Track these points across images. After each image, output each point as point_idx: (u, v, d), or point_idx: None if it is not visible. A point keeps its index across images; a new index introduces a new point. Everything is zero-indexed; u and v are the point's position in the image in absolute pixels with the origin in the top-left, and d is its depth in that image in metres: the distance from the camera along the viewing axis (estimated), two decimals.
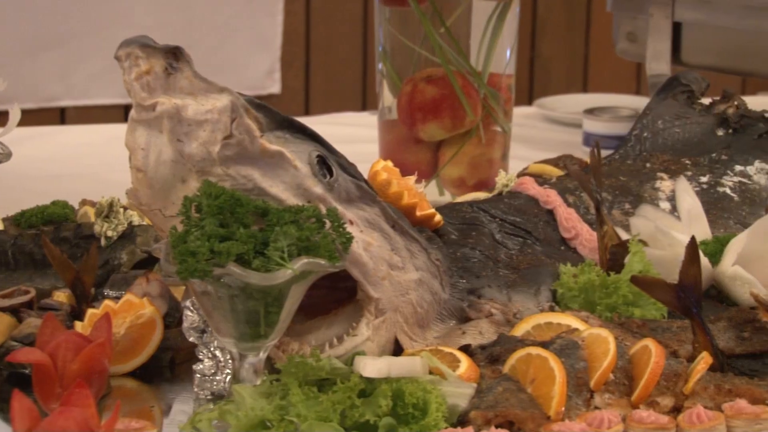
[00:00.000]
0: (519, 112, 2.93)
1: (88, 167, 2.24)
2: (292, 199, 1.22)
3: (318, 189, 1.24)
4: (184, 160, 1.20)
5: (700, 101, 1.76)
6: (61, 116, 3.98)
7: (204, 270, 1.13)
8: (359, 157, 2.08)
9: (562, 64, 4.71)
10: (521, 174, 1.86)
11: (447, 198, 1.97)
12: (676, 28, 2.38)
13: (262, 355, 1.21)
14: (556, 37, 4.67)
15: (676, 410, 1.25)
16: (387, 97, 2.05)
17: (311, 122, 2.90)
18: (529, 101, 3.31)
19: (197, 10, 4.12)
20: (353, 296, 1.30)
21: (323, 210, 1.22)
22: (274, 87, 4.33)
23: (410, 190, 1.40)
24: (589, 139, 2.39)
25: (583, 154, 2.12)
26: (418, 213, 1.40)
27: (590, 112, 2.47)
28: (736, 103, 1.74)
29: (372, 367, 1.17)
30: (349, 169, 1.28)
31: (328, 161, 1.25)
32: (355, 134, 2.40)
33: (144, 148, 1.20)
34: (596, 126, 2.44)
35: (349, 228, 1.25)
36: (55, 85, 3.96)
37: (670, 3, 2.36)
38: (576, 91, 4.51)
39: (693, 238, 1.29)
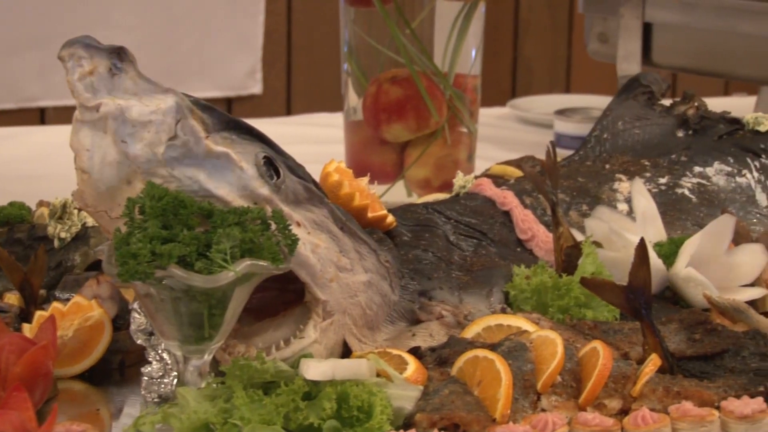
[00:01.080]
0: (492, 112, 2.94)
1: (65, 167, 2.24)
2: (238, 201, 1.22)
3: (264, 190, 1.23)
4: (129, 161, 1.19)
5: (660, 102, 1.76)
6: (41, 116, 3.97)
7: (145, 272, 1.12)
8: (329, 158, 2.08)
9: (544, 65, 4.71)
10: (483, 175, 1.86)
11: (415, 199, 1.97)
12: (647, 29, 2.38)
13: (207, 358, 1.20)
14: (538, 38, 4.67)
15: (623, 412, 1.24)
16: (352, 98, 2.05)
17: (285, 123, 2.89)
18: None
19: (178, 10, 4.11)
20: (302, 298, 1.29)
21: (269, 212, 1.21)
22: (256, 87, 4.33)
23: (362, 192, 1.39)
24: (560, 140, 2.39)
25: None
26: (370, 214, 1.39)
27: (561, 113, 2.47)
28: (696, 104, 1.73)
29: (315, 369, 1.17)
30: (297, 170, 1.28)
31: (275, 162, 1.25)
32: (328, 135, 2.40)
33: (89, 149, 1.19)
34: (567, 127, 2.44)
35: (296, 230, 1.24)
36: (35, 85, 3.95)
37: (641, 4, 2.36)
38: (559, 91, 4.52)
39: (642, 240, 1.28)
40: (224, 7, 4.18)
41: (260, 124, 2.85)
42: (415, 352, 1.31)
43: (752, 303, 1.43)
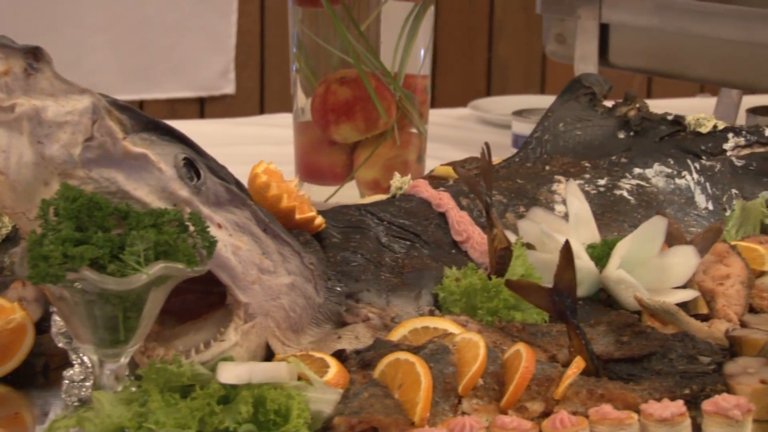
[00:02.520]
0: (453, 113, 2.93)
1: None
2: (156, 203, 1.21)
3: (184, 192, 1.22)
4: (45, 162, 1.18)
5: (603, 103, 1.75)
6: None
7: (56, 275, 1.11)
8: (284, 158, 2.07)
9: (519, 65, 4.70)
10: (427, 176, 1.86)
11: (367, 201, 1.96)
12: (604, 30, 2.38)
13: (123, 361, 1.19)
14: (513, 39, 4.66)
15: (546, 415, 1.24)
16: (301, 98, 2.04)
17: (243, 123, 2.88)
18: None
19: (150, 10, 4.10)
20: (226, 301, 1.29)
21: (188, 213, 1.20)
22: (229, 87, 4.32)
23: (290, 193, 1.38)
24: (518, 141, 2.39)
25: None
26: (298, 216, 1.38)
27: (519, 113, 2.46)
28: (637, 105, 1.73)
29: (230, 373, 1.16)
30: (219, 171, 1.27)
31: (195, 164, 1.24)
32: (285, 136, 2.39)
33: (5, 150, 1.18)
34: (524, 128, 2.43)
35: (217, 232, 1.23)
36: None
37: (597, 5, 2.36)
38: (534, 92, 4.52)
39: (567, 243, 1.28)
40: (197, 7, 4.17)
41: (233, 124, 2.82)
42: (339, 354, 1.30)
43: (684, 305, 1.43)
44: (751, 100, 2.51)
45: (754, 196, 1.66)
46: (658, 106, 3.00)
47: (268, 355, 1.30)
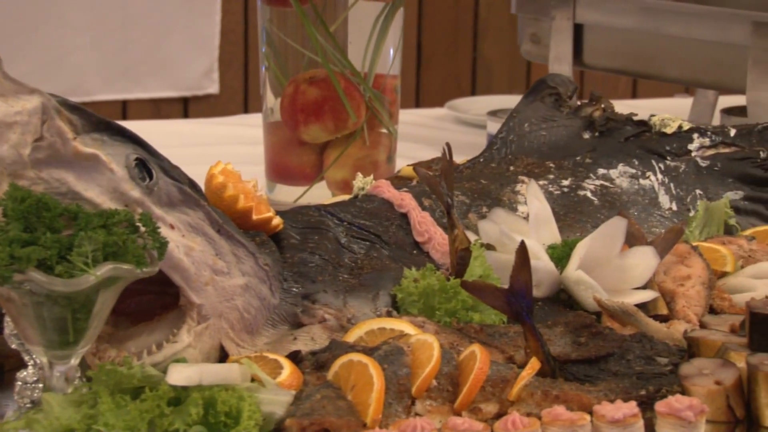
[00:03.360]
0: (430, 113, 2.93)
1: None
2: (108, 203, 1.20)
3: (135, 193, 1.22)
4: None
5: (568, 104, 1.75)
6: None
7: (3, 276, 1.11)
8: (258, 159, 2.06)
9: (504, 64, 4.70)
10: (393, 176, 1.85)
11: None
12: (578, 30, 2.37)
13: (73, 363, 1.18)
14: (498, 38, 4.66)
15: (500, 417, 1.23)
16: (270, 99, 2.03)
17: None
18: None
19: (133, 9, 4.09)
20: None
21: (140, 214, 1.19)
22: (213, 87, 4.31)
23: (247, 194, 1.38)
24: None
25: None
26: (255, 217, 1.38)
27: (494, 114, 2.46)
28: (603, 105, 1.72)
29: (179, 374, 1.15)
30: (171, 172, 1.26)
31: (148, 164, 1.23)
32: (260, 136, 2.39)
33: None
34: (498, 128, 2.43)
35: (170, 232, 1.23)
36: None
37: (572, 5, 2.35)
38: (519, 91, 4.51)
39: (522, 243, 1.27)
40: (180, 7, 4.17)
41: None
42: (294, 356, 1.29)
43: (644, 306, 1.43)
44: (726, 101, 2.51)
45: (718, 196, 1.66)
46: (641, 106, 3.00)
47: (222, 357, 1.30)
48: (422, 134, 2.60)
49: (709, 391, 1.23)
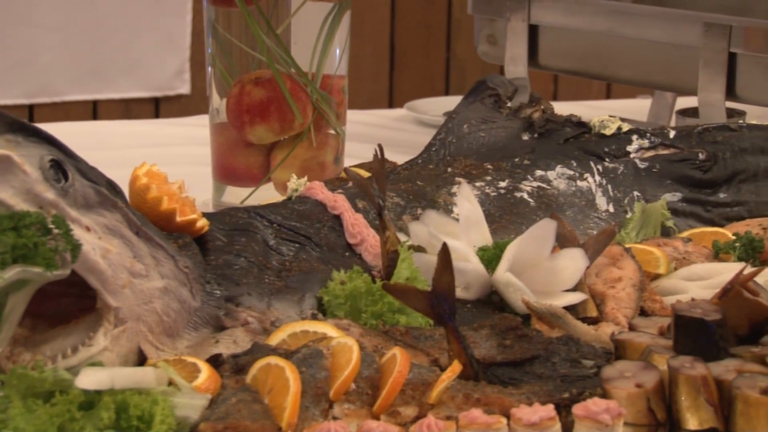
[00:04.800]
0: (389, 114, 2.92)
1: None
2: (21, 205, 1.19)
3: (50, 194, 1.21)
4: None
5: (508, 105, 1.74)
6: None
7: None
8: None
9: (477, 64, 4.69)
10: (335, 178, 1.84)
11: None
12: (534, 32, 2.37)
13: None
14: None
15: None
16: (216, 99, 2.02)
17: (175, 124, 2.85)
18: None
19: (104, 9, 4.08)
20: None
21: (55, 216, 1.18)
22: (184, 87, 4.30)
23: (171, 196, 1.37)
24: None
25: None
26: (179, 219, 1.37)
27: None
28: (542, 107, 1.72)
29: (90, 378, 1.14)
30: (88, 173, 1.25)
31: (63, 165, 1.22)
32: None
33: None
34: None
35: (86, 235, 1.22)
36: None
37: (526, 6, 2.35)
38: None
39: (445, 246, 1.26)
40: (151, 7, 4.15)
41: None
42: (216, 359, 1.28)
43: (573, 308, 1.42)
44: (685, 102, 2.51)
45: (656, 198, 1.65)
46: (608, 107, 2.99)
47: (142, 360, 1.28)
48: (381, 135, 2.59)
49: (629, 394, 1.22)
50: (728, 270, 1.46)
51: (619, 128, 1.69)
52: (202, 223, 1.39)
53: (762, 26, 2.04)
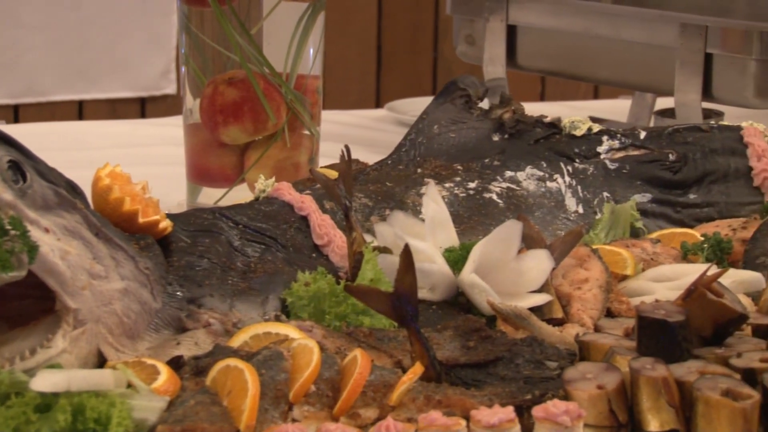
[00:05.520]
0: (369, 114, 2.91)
1: None
2: None
3: (7, 195, 1.20)
4: None
5: (479, 106, 1.74)
6: None
7: None
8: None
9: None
10: (305, 178, 1.84)
11: None
12: (512, 32, 2.36)
13: None
14: None
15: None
16: (189, 99, 2.02)
17: (157, 124, 2.84)
18: None
19: (89, 9, 4.07)
20: None
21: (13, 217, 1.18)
22: (170, 87, 4.29)
23: (134, 197, 1.36)
24: None
25: None
26: (141, 219, 1.36)
27: None
28: (513, 107, 1.71)
29: (45, 381, 1.13)
30: (47, 174, 1.25)
31: (21, 166, 1.21)
32: None
33: None
34: None
35: (44, 236, 1.21)
36: None
37: (504, 6, 2.35)
38: None
39: (407, 246, 1.26)
40: (136, 7, 4.14)
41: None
42: (177, 361, 1.28)
43: (539, 309, 1.41)
44: (664, 102, 2.50)
45: (626, 199, 1.64)
46: (590, 107, 2.98)
47: (101, 362, 1.28)
48: (360, 135, 2.58)
49: (590, 395, 1.22)
50: (695, 271, 1.46)
51: (590, 129, 1.69)
52: (165, 224, 1.38)
53: (738, 27, 2.04)
